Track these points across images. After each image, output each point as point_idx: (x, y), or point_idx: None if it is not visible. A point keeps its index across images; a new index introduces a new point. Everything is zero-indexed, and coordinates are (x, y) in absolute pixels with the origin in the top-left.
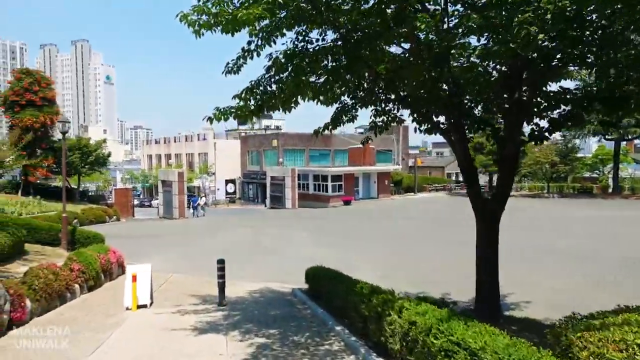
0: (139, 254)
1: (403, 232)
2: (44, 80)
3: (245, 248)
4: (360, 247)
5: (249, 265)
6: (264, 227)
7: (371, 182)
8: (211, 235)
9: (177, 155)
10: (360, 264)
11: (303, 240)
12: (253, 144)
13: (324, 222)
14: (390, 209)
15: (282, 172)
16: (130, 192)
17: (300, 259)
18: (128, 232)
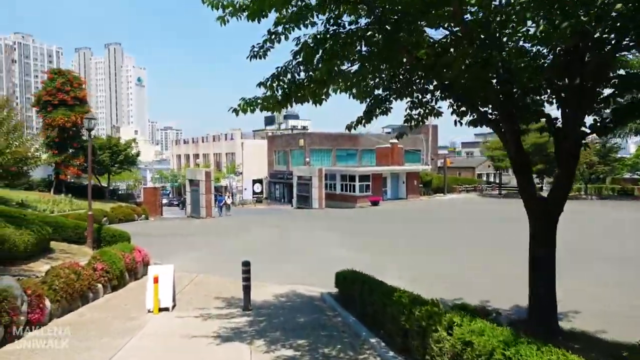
0: (165, 253)
1: (433, 233)
2: (75, 80)
3: (271, 248)
4: (389, 248)
5: (275, 266)
6: (291, 227)
7: (400, 183)
8: (237, 234)
9: (205, 155)
10: (389, 266)
11: (330, 241)
12: (280, 144)
13: (351, 222)
14: (420, 210)
15: (309, 172)
16: (159, 191)
17: (328, 261)
18: (155, 230)
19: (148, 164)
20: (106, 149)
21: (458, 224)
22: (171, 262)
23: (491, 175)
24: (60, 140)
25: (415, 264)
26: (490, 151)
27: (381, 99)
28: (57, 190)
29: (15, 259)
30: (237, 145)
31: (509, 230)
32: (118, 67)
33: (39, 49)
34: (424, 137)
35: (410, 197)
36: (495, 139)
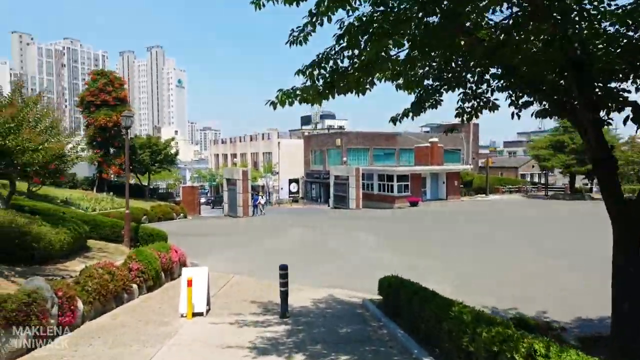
0: (201, 253)
1: (478, 236)
2: (117, 81)
3: (308, 249)
4: (431, 252)
5: (313, 267)
6: (328, 227)
7: (439, 183)
8: (274, 234)
9: (242, 155)
10: (433, 271)
11: (369, 243)
12: (316, 144)
13: (390, 223)
14: (461, 211)
15: (346, 172)
16: (197, 190)
17: (367, 263)
18: (193, 229)
19: (187, 164)
20: (146, 148)
21: (503, 225)
22: (207, 262)
23: (535, 175)
24: (102, 140)
25: (459, 268)
26: (536, 150)
27: (431, 90)
28: (99, 188)
29: (51, 257)
30: (273, 145)
31: (561, 233)
32: (159, 70)
33: (86, 53)
34: (465, 136)
35: (451, 197)
36: (540, 137)
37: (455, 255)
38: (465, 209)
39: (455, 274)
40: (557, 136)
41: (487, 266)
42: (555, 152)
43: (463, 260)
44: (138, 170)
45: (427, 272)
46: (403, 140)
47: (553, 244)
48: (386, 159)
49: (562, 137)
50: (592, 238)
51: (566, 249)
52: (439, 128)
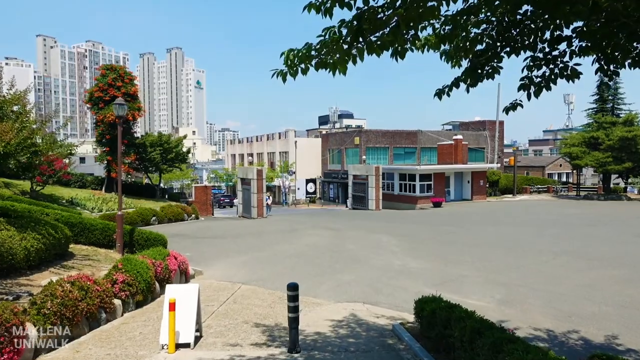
0: (209, 257)
1: (514, 240)
2: (126, 76)
3: (324, 254)
4: (462, 258)
5: (330, 277)
6: (346, 229)
7: (464, 182)
8: (288, 237)
9: (259, 155)
10: (469, 282)
11: (391, 247)
12: (334, 142)
13: (413, 225)
14: (490, 212)
15: (365, 171)
16: (210, 190)
17: (391, 272)
18: (203, 231)
19: (205, 164)
20: (157, 146)
21: (539, 228)
22: (215, 269)
23: (563, 175)
24: (111, 138)
25: (498, 278)
26: (568, 148)
27: (490, 53)
28: (108, 188)
29: (13, 269)
30: (290, 144)
31: (610, 237)
32: (179, 71)
33: (107, 56)
34: (489, 134)
35: (476, 198)
36: (572, 134)
37: (491, 262)
38: (493, 209)
39: (496, 285)
40: (591, 132)
41: (529, 275)
42: (589, 150)
43: (500, 268)
44: (148, 169)
45: (463, 284)
46: (424, 138)
47: (603, 250)
48: (407, 158)
49: (597, 134)
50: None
51: (620, 256)
52: (457, 126)
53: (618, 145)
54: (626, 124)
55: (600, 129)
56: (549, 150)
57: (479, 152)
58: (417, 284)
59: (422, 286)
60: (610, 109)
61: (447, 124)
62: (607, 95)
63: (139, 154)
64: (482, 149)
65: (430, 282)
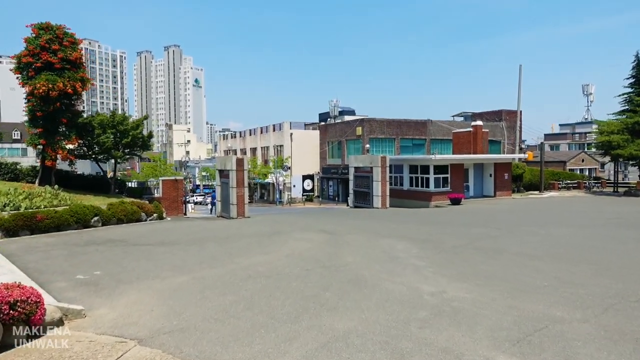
0: (125, 279)
1: (589, 248)
2: (66, 38)
3: (310, 272)
4: (532, 279)
5: (311, 320)
6: (345, 232)
7: (485, 176)
8: (265, 243)
9: (252, 150)
10: (577, 334)
11: (412, 260)
12: (333, 134)
13: (433, 227)
14: (524, 210)
15: (369, 162)
16: (181, 184)
17: (423, 310)
18: (152, 236)
19: (198, 162)
20: (108, 128)
21: (603, 230)
22: (119, 300)
23: (585, 170)
24: (44, 115)
25: (623, 323)
26: (606, 136)
27: None
28: (44, 180)
29: None
30: (285, 137)
31: None
32: (176, 69)
33: (103, 54)
34: (506, 125)
35: (500, 194)
36: (611, 120)
37: (587, 289)
38: (527, 208)
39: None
40: (635, 117)
41: None
42: (633, 137)
43: (612, 300)
44: (98, 158)
45: (566, 339)
46: (435, 129)
47: None
48: (415, 150)
49: None
50: None
51: None
52: (473, 117)
53: None
54: None
55: None
56: (566, 145)
57: (496, 145)
58: (481, 342)
59: (490, 348)
60: None
61: (457, 115)
62: None
63: (84, 138)
64: (499, 141)
65: (501, 334)
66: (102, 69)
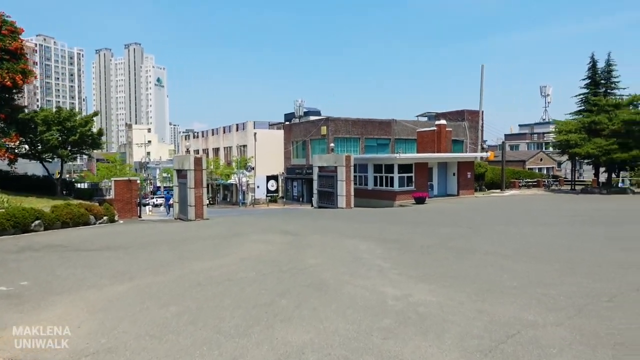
0: (56, 289)
1: (559, 246)
2: (5, 26)
3: (267, 277)
4: (502, 279)
5: (263, 333)
6: (308, 233)
7: (449, 175)
8: (222, 246)
9: (215, 150)
10: (551, 339)
11: (376, 261)
12: (298, 133)
13: (400, 227)
14: (489, 209)
15: (334, 161)
16: (136, 184)
17: (387, 317)
18: (99, 241)
19: (159, 163)
20: (54, 125)
21: (569, 227)
22: (43, 313)
23: (543, 169)
24: None
25: (599, 327)
26: (565, 135)
27: None
28: None
29: None
30: (249, 137)
31: None
32: (137, 68)
33: (60, 51)
34: (468, 124)
35: (463, 193)
36: (569, 120)
37: (558, 288)
38: (491, 206)
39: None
40: (591, 117)
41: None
42: (590, 136)
43: (586, 301)
44: (42, 157)
45: (541, 346)
46: (399, 128)
47: None
48: (380, 150)
49: (599, 118)
50: None
51: None
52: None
53: (624, 130)
54: (630, 105)
55: (602, 112)
56: (525, 145)
57: (458, 144)
58: (450, 353)
59: (460, 358)
60: (603, 93)
61: (422, 115)
62: (600, 79)
63: (25, 135)
64: (462, 141)
65: (472, 343)
66: (59, 66)
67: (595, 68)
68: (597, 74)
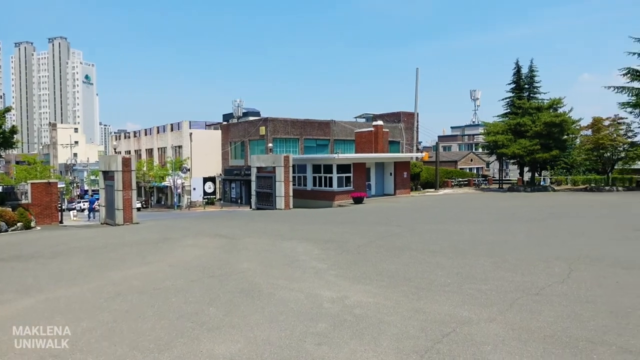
0: None
1: (491, 243)
2: None
3: (195, 283)
4: (436, 276)
5: (187, 346)
6: (244, 236)
7: (386, 175)
8: (149, 252)
9: (148, 151)
10: (486, 335)
11: (313, 263)
12: (236, 134)
13: (338, 227)
14: (424, 207)
15: (272, 161)
16: (55, 187)
17: (322, 321)
18: (7, 250)
19: (87, 165)
20: None
21: (498, 225)
22: None
23: (474, 169)
24: None
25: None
26: (492, 136)
27: None
28: None
29: None
30: (184, 136)
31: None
32: (63, 63)
33: None
34: (404, 126)
35: (400, 192)
36: (497, 122)
37: (490, 284)
38: (426, 205)
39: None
40: (516, 119)
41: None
42: (516, 137)
43: (513, 293)
44: None
45: (476, 343)
46: (338, 129)
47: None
48: (319, 151)
49: (524, 120)
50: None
51: None
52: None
53: (545, 131)
54: (551, 108)
55: (526, 115)
56: (457, 146)
57: (395, 145)
58: (386, 356)
59: None
60: (527, 97)
61: (360, 117)
62: (524, 84)
63: None
64: (398, 142)
65: (408, 344)
66: None
67: (520, 73)
68: (521, 79)
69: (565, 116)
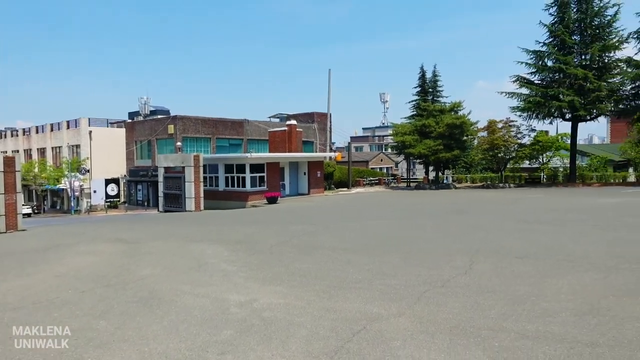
0: None
1: (402, 239)
2: None
3: (86, 296)
4: (347, 273)
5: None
6: (148, 239)
7: (300, 175)
8: (32, 262)
9: (41, 150)
10: (395, 331)
11: (222, 265)
12: (142, 132)
13: (249, 227)
14: (338, 206)
15: (181, 161)
16: None
17: (229, 328)
18: None
19: None
20: None
21: (406, 221)
22: None
23: (384, 169)
24: None
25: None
26: (401, 136)
27: None
28: None
29: None
30: (83, 135)
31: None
32: None
33: None
34: (318, 126)
35: (314, 192)
36: (404, 123)
37: (401, 279)
38: (340, 203)
39: (446, 333)
40: (422, 120)
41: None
42: (421, 138)
43: (422, 290)
44: None
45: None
46: (252, 129)
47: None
48: (232, 150)
49: (428, 121)
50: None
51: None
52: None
53: (447, 132)
54: (452, 111)
55: (431, 116)
56: (368, 146)
57: (309, 145)
58: (295, 357)
59: None
60: (431, 100)
61: (274, 116)
62: (428, 88)
63: None
64: (312, 142)
65: (318, 345)
66: None
67: (425, 78)
68: (426, 83)
69: (465, 118)
